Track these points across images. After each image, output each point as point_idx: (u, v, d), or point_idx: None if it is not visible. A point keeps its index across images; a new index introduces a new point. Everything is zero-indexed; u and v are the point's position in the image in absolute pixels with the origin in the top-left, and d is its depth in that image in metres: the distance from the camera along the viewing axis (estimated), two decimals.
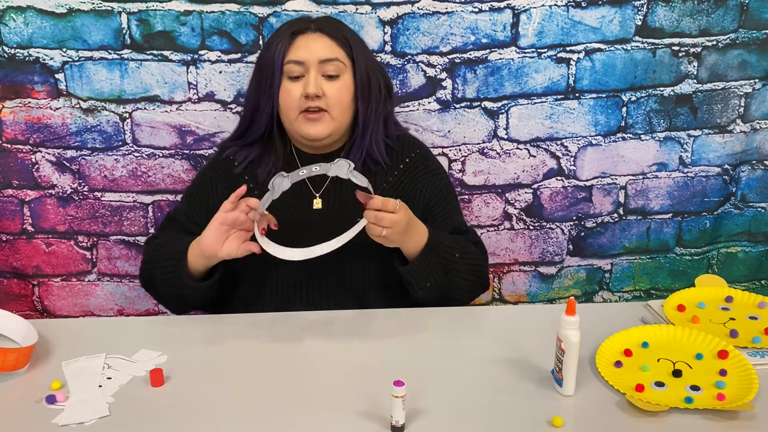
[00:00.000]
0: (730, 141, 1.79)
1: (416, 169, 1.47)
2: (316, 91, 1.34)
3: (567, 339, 1.07)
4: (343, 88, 1.38)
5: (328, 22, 1.43)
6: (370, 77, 1.41)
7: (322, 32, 1.39)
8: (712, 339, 1.20)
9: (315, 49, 1.37)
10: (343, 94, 1.38)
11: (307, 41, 1.37)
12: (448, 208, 1.48)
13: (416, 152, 1.49)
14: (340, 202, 1.42)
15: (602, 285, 1.91)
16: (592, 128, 1.74)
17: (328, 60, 1.36)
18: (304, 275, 1.40)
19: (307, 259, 1.26)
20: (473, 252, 1.43)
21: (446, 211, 1.47)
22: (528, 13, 1.62)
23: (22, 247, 1.76)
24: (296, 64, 1.36)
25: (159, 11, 1.57)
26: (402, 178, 1.46)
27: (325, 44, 1.38)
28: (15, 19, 1.56)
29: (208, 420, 1.05)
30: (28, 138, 1.66)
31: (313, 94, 1.34)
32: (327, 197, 1.43)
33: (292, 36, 1.38)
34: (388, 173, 1.45)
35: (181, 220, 1.47)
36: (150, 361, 1.20)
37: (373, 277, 1.42)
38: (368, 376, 1.15)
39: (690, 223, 1.86)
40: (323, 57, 1.36)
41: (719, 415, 1.04)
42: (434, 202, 1.46)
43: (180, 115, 1.66)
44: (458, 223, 1.47)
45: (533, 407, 1.07)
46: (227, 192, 1.37)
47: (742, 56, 1.71)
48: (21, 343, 1.19)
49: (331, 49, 1.38)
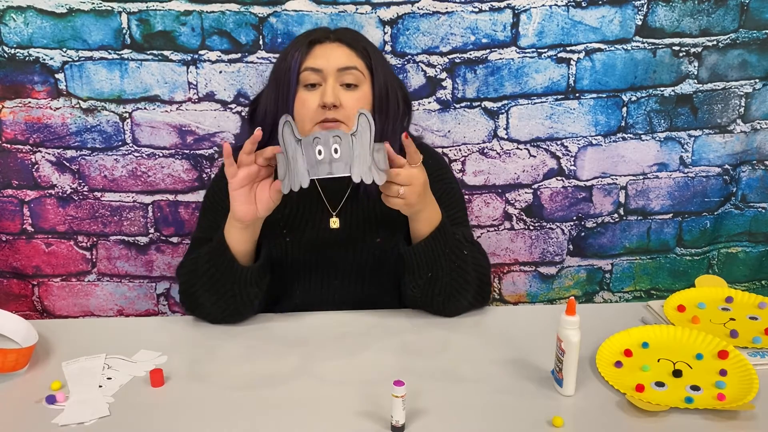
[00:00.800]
0: (730, 141, 1.79)
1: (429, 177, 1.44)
2: (334, 100, 1.29)
3: (567, 339, 1.07)
4: (361, 99, 1.33)
5: (347, 32, 1.40)
6: (389, 90, 1.37)
7: (341, 41, 1.35)
8: (712, 339, 1.20)
9: (333, 57, 1.33)
10: (361, 105, 1.32)
11: (324, 50, 1.34)
12: (455, 217, 1.42)
13: (429, 162, 1.40)
14: (357, 221, 1.40)
15: (602, 285, 1.91)
16: (593, 128, 1.74)
17: (347, 68, 1.32)
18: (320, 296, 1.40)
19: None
20: (481, 259, 1.38)
21: (452, 218, 1.40)
22: (528, 13, 1.62)
23: (22, 247, 1.76)
24: (313, 72, 1.32)
25: (159, 11, 1.57)
26: None
27: (344, 53, 1.34)
28: (15, 19, 1.56)
29: (208, 420, 1.05)
30: (28, 138, 1.66)
31: (331, 103, 1.29)
32: (344, 216, 1.39)
33: (310, 45, 1.34)
34: None
35: (203, 236, 1.39)
36: (150, 361, 1.20)
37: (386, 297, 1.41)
38: (368, 376, 1.15)
39: (690, 223, 1.86)
40: (342, 65, 1.32)
41: (719, 415, 1.04)
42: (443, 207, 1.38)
43: (180, 115, 1.66)
44: (464, 234, 1.40)
45: (533, 407, 1.07)
46: None
47: (743, 56, 1.71)
48: (21, 344, 1.19)
49: (350, 58, 1.34)
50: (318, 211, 1.39)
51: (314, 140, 1.09)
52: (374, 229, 1.40)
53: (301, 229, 1.40)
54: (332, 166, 1.10)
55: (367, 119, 1.11)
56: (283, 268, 1.39)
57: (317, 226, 1.39)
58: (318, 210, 1.39)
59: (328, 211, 1.39)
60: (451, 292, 1.32)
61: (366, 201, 1.39)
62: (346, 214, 1.40)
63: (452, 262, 1.30)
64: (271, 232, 1.37)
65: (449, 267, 1.30)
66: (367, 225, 1.39)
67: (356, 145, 1.10)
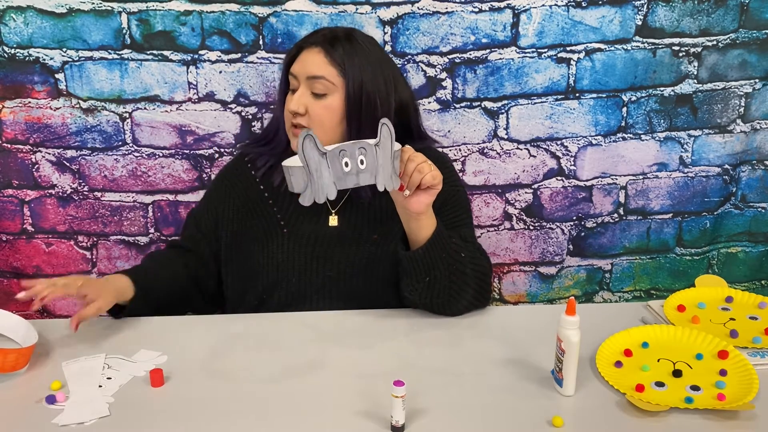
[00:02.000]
0: (730, 141, 1.79)
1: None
2: (297, 108, 1.34)
3: (567, 339, 1.07)
4: (327, 107, 1.35)
5: (337, 38, 1.37)
6: (364, 96, 1.35)
7: (321, 48, 1.36)
8: (712, 339, 1.20)
9: (308, 64, 1.35)
10: (325, 114, 1.35)
11: (305, 56, 1.37)
12: (460, 219, 1.43)
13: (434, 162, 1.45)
14: (356, 219, 1.42)
15: (602, 285, 1.91)
16: (593, 128, 1.74)
17: (315, 77, 1.34)
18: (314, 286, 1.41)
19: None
20: (480, 259, 1.38)
21: (457, 221, 1.42)
22: (528, 13, 1.62)
23: (22, 247, 1.76)
24: (293, 78, 1.37)
25: (159, 11, 1.57)
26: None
27: (318, 61, 1.35)
28: (15, 19, 1.56)
29: (208, 420, 1.05)
30: (28, 138, 1.66)
31: (293, 111, 1.34)
32: (343, 214, 1.43)
33: (299, 48, 1.38)
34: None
35: (189, 223, 1.52)
36: (150, 361, 1.20)
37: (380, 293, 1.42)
38: (368, 376, 1.15)
39: (690, 223, 1.86)
40: (310, 74, 1.34)
41: (719, 415, 1.04)
42: (448, 208, 1.41)
43: (180, 115, 1.66)
44: (466, 235, 1.41)
45: (533, 407, 1.07)
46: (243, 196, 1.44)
47: (743, 56, 1.71)
48: (21, 344, 1.19)
49: (320, 67, 1.34)
50: (317, 208, 1.40)
51: (340, 152, 1.12)
52: (371, 227, 1.42)
53: (300, 224, 1.42)
54: (359, 177, 1.14)
55: (388, 129, 1.14)
56: (279, 260, 1.41)
57: (315, 222, 1.42)
58: (317, 206, 1.40)
59: (327, 209, 1.42)
60: (450, 294, 1.32)
61: (364, 199, 1.42)
62: (345, 211, 1.43)
63: (450, 265, 1.30)
64: (269, 225, 1.42)
65: (447, 270, 1.30)
66: (364, 223, 1.42)
67: (380, 155, 1.14)
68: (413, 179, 1.21)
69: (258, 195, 1.46)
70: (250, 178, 1.48)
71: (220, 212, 1.47)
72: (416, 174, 1.21)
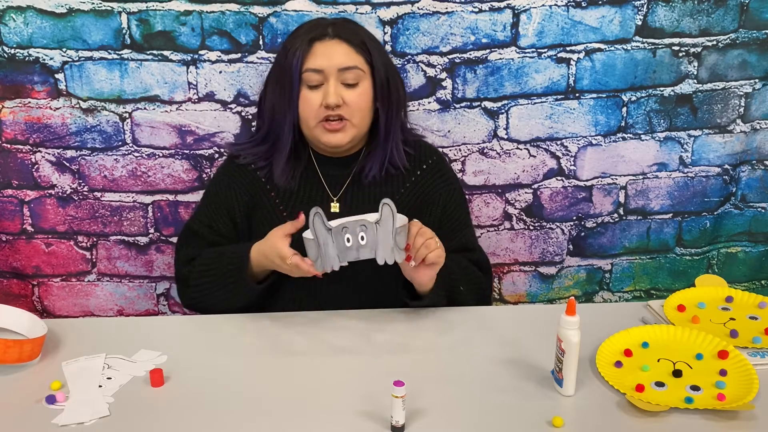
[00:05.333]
0: (730, 141, 1.79)
1: (433, 177, 1.49)
2: (337, 101, 1.34)
3: (567, 339, 1.07)
4: (363, 95, 1.37)
5: (345, 26, 1.40)
6: (389, 80, 1.41)
7: (341, 38, 1.36)
8: (712, 339, 1.20)
9: (334, 56, 1.35)
10: (363, 101, 1.37)
11: (325, 48, 1.35)
12: (460, 223, 1.50)
13: (433, 159, 1.50)
14: (357, 205, 1.43)
15: (602, 285, 1.91)
16: (592, 128, 1.74)
17: (347, 68, 1.35)
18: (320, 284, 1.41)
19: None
20: (478, 278, 1.45)
21: (458, 225, 1.49)
22: (528, 13, 1.62)
23: (22, 247, 1.76)
24: (315, 73, 1.35)
25: (159, 11, 1.57)
26: (419, 184, 1.47)
27: (344, 51, 1.36)
28: (15, 19, 1.56)
29: (208, 420, 1.05)
30: (27, 138, 1.66)
31: (334, 104, 1.34)
32: (344, 201, 1.44)
33: (310, 42, 1.36)
34: (406, 179, 1.47)
35: (203, 233, 1.47)
36: (150, 361, 1.20)
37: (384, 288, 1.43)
38: (368, 376, 1.15)
39: (690, 223, 1.86)
40: (342, 65, 1.35)
41: (719, 415, 1.05)
42: (449, 212, 1.48)
43: (180, 115, 1.66)
44: (467, 240, 1.49)
45: (533, 407, 1.07)
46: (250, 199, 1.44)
47: (742, 56, 1.71)
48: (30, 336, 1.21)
49: (349, 57, 1.36)
50: (318, 195, 1.44)
51: (343, 229, 1.22)
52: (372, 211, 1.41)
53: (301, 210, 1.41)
54: (359, 252, 1.22)
55: (390, 209, 1.20)
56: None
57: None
58: (319, 194, 1.44)
59: (328, 196, 1.44)
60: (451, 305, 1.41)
61: (366, 187, 1.44)
62: (346, 199, 1.44)
63: (452, 300, 1.38)
64: (269, 211, 1.44)
65: (448, 301, 1.38)
66: (365, 210, 1.41)
67: (380, 232, 1.21)
68: (420, 253, 1.24)
69: (259, 187, 1.46)
70: (248, 174, 1.47)
71: (231, 209, 1.46)
72: (423, 249, 1.24)
